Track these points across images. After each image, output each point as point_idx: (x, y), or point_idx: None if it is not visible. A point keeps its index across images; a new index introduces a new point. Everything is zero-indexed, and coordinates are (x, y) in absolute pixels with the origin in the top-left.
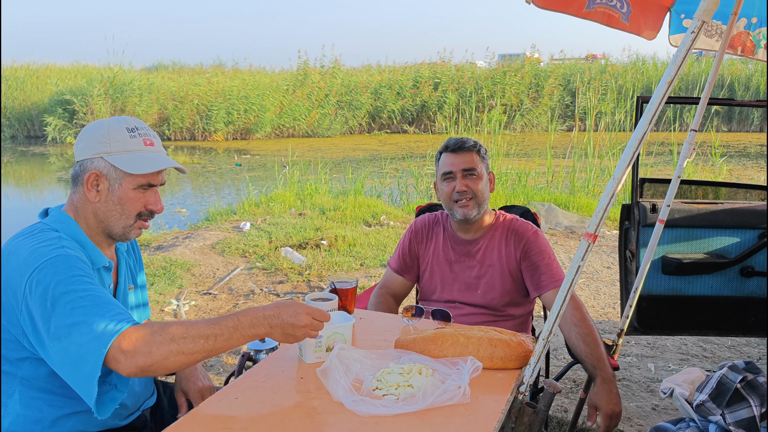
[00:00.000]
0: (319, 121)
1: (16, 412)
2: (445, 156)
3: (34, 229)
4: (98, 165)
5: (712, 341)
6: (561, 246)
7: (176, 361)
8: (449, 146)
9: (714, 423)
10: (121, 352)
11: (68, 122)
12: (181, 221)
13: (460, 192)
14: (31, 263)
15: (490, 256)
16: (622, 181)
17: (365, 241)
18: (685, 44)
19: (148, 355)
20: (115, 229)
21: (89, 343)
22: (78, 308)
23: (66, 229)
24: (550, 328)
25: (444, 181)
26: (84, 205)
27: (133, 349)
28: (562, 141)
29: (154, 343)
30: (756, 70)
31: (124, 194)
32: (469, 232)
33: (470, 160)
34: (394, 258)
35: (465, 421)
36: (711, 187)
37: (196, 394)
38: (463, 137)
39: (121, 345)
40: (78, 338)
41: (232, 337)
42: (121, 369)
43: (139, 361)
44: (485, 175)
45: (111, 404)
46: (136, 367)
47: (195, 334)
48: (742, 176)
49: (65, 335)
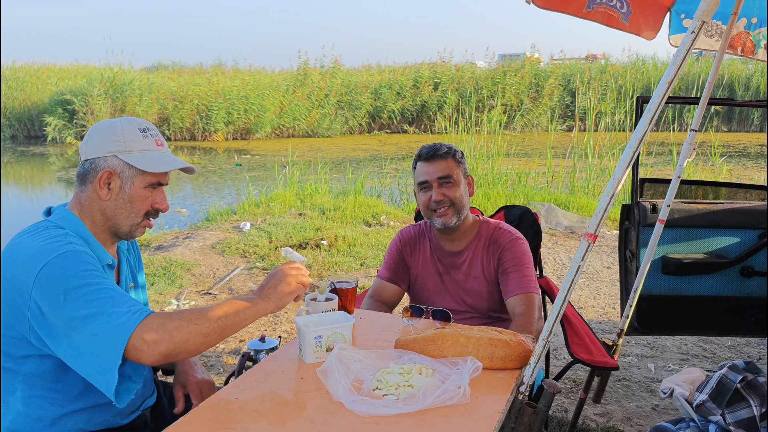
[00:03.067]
0: (319, 121)
1: (18, 410)
2: (420, 165)
3: (39, 227)
4: (112, 163)
5: (712, 341)
6: (561, 246)
7: (196, 342)
8: (422, 155)
9: (714, 423)
10: (142, 341)
11: (68, 122)
12: (181, 221)
13: (437, 201)
14: (39, 259)
15: (475, 268)
16: (622, 181)
17: (365, 241)
18: (685, 44)
19: (170, 341)
20: (123, 227)
21: (108, 333)
22: (93, 300)
23: (71, 226)
24: (550, 328)
25: (421, 191)
26: (92, 203)
27: (155, 337)
28: (562, 141)
29: (174, 328)
30: (756, 70)
31: (135, 192)
32: (453, 241)
33: (445, 167)
34: (383, 268)
35: (465, 421)
36: (711, 187)
37: (194, 387)
38: (437, 143)
39: (143, 334)
40: (95, 329)
41: (238, 315)
42: (144, 357)
43: (162, 348)
44: (462, 180)
45: (127, 395)
46: (159, 354)
47: (208, 315)
48: (742, 176)
49: (81, 326)
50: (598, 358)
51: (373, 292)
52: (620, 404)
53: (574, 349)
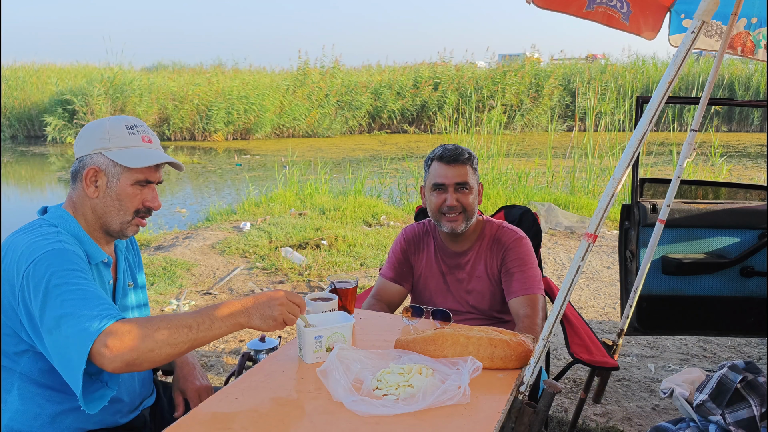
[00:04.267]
0: (319, 121)
1: (15, 407)
2: (437, 165)
3: (33, 225)
4: (97, 161)
5: (712, 341)
6: (561, 246)
7: (162, 353)
8: (444, 156)
9: (714, 423)
10: (105, 348)
11: (68, 122)
12: (181, 221)
13: (450, 207)
14: (28, 256)
15: (478, 268)
16: (622, 181)
17: (365, 241)
18: (685, 44)
19: (135, 349)
20: (113, 225)
21: (75, 336)
22: (67, 301)
23: (65, 224)
24: (550, 328)
25: (434, 192)
26: (83, 201)
27: (118, 345)
28: (562, 141)
29: (138, 337)
30: (756, 70)
31: (122, 190)
32: (457, 243)
33: (464, 173)
34: (387, 268)
35: (465, 421)
36: (711, 187)
37: (193, 394)
38: (458, 147)
39: (106, 341)
40: (66, 330)
41: (212, 326)
42: (106, 365)
43: (126, 356)
44: (476, 187)
45: (100, 401)
46: (121, 362)
47: (178, 324)
48: (742, 176)
49: (55, 327)
50: (598, 358)
51: (376, 292)
52: (620, 404)
53: (574, 349)
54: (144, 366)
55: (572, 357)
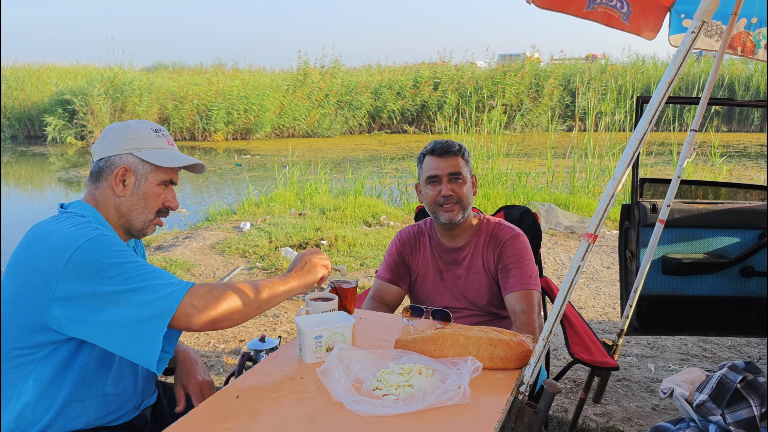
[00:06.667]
0: (319, 121)
1: (27, 399)
2: (430, 159)
3: (61, 217)
4: (127, 160)
5: (712, 341)
6: (561, 246)
7: (239, 312)
8: (435, 150)
9: (714, 423)
10: (193, 306)
11: (68, 122)
12: (181, 221)
13: (446, 196)
14: (70, 244)
15: (475, 263)
16: (622, 181)
17: (365, 241)
18: (685, 44)
19: (217, 307)
20: (136, 224)
21: (156, 302)
22: (134, 276)
23: (92, 215)
24: (550, 328)
25: (429, 185)
26: (106, 200)
27: (204, 303)
28: (562, 141)
29: (220, 297)
30: (756, 70)
31: (149, 189)
32: (454, 238)
33: (456, 164)
34: (383, 269)
35: (465, 421)
36: (711, 187)
37: (195, 388)
38: (449, 140)
39: (192, 300)
40: (141, 298)
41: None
42: (194, 322)
43: (211, 313)
44: (469, 178)
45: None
46: (208, 318)
47: (249, 288)
48: (742, 176)
49: (124, 300)
50: (598, 358)
51: (374, 294)
52: (620, 404)
53: (574, 349)
54: (224, 324)
55: (572, 357)
